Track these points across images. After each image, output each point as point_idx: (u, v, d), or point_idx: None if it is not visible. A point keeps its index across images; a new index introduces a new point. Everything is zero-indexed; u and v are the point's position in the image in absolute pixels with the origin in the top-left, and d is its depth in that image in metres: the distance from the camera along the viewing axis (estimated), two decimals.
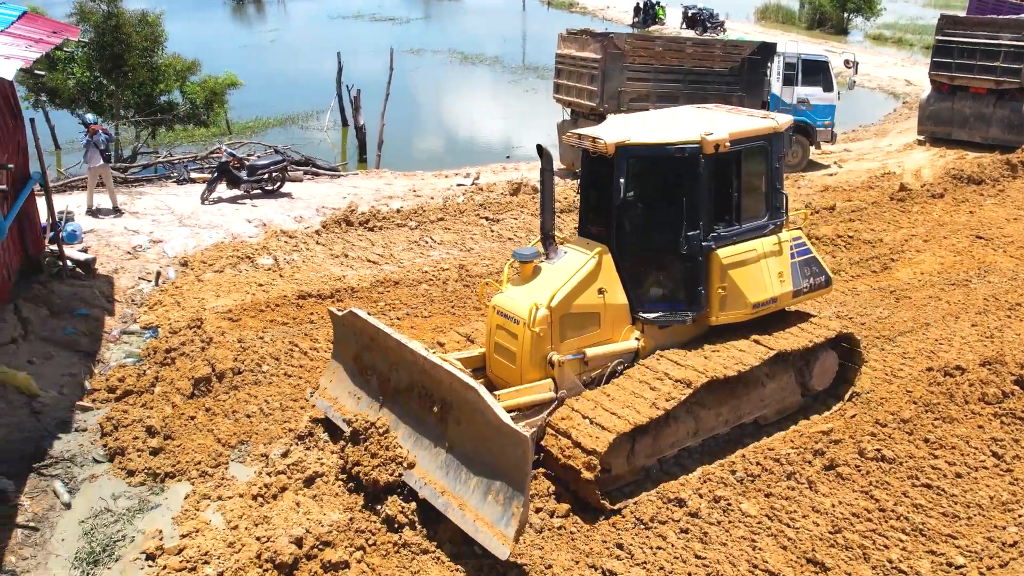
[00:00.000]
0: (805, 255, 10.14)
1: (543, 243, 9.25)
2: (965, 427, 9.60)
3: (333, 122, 30.85)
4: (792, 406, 10.08)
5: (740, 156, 9.27)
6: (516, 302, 8.82)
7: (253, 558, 7.54)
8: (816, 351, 9.95)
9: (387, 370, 8.96)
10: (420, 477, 8.12)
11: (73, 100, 23.97)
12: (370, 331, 9.08)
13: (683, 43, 21.98)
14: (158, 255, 15.87)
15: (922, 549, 7.80)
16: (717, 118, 9.74)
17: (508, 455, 7.27)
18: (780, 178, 9.85)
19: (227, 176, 19.08)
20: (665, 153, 8.96)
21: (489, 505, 7.40)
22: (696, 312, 9.36)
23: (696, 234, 9.08)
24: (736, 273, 9.36)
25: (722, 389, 9.13)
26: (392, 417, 8.78)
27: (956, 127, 25.47)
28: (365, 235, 16.89)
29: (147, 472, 9.22)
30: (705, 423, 9.18)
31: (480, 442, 7.65)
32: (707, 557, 7.66)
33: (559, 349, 8.78)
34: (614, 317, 9.17)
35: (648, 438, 8.62)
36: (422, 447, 8.34)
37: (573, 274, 8.86)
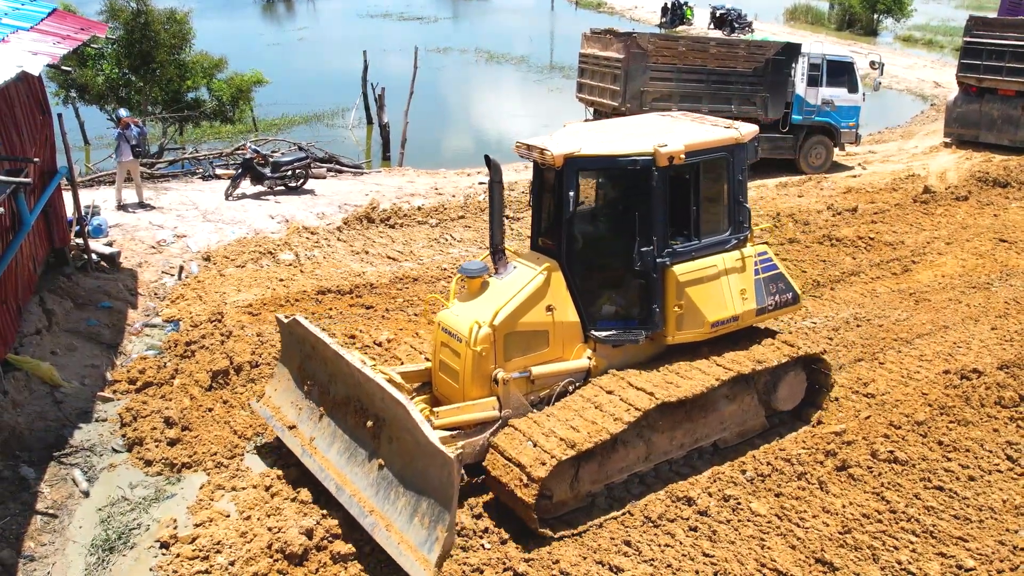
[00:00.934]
0: (771, 271, 9.67)
1: (492, 257, 8.89)
2: (980, 430, 9.55)
3: (358, 120, 31.05)
4: (755, 428, 9.62)
5: (698, 168, 8.84)
6: (459, 319, 8.48)
7: (264, 548, 7.66)
8: (781, 371, 9.57)
9: (327, 381, 8.73)
10: (351, 494, 7.82)
11: (102, 96, 24.32)
12: (311, 340, 8.82)
13: (707, 43, 21.91)
14: (182, 250, 16.07)
15: (932, 551, 7.77)
16: (676, 128, 9.30)
17: (434, 477, 7.07)
18: (743, 191, 9.34)
19: (251, 172, 19.27)
20: (616, 165, 8.60)
21: (415, 528, 7.18)
22: (651, 331, 8.94)
23: (650, 250, 8.64)
24: (694, 290, 8.95)
25: (677, 412, 8.72)
26: (329, 431, 8.54)
27: (983, 129, 25.22)
28: (386, 232, 17.02)
29: (164, 462, 9.38)
30: (658, 447, 8.74)
31: (409, 461, 7.42)
32: (715, 555, 7.68)
33: (504, 368, 8.40)
34: (564, 335, 8.75)
35: (594, 463, 8.22)
36: (355, 463, 8.07)
37: (519, 291, 8.46)
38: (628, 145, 8.57)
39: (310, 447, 8.62)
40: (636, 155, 8.45)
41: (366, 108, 30.24)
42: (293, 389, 9.29)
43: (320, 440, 8.60)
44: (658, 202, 8.55)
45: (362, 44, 33.26)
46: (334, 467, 8.23)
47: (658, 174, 8.45)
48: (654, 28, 52.00)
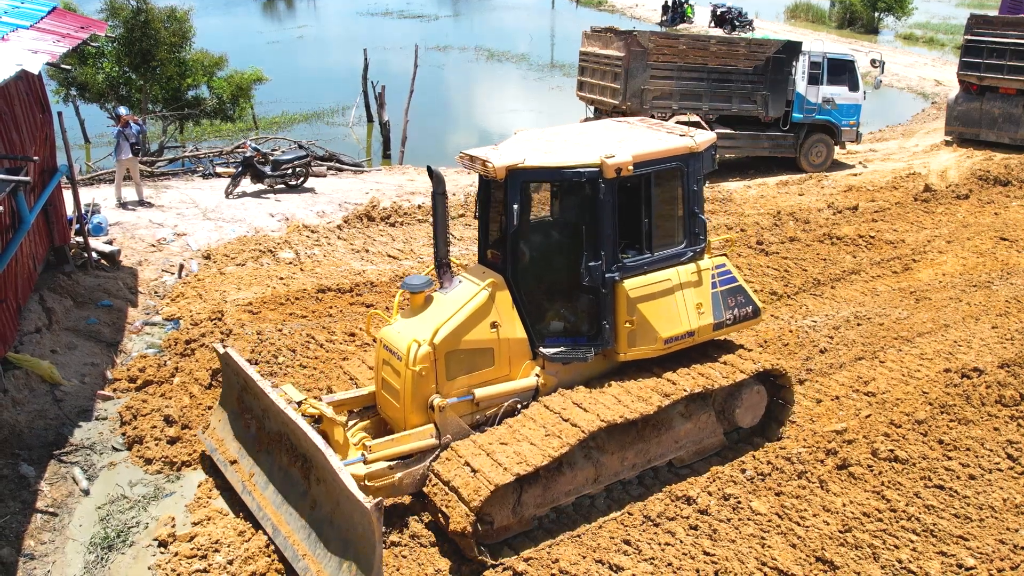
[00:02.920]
0: (729, 284, 9.30)
1: (436, 271, 8.62)
2: (981, 429, 9.55)
3: (358, 118, 31.02)
4: (713, 446, 9.30)
5: (650, 179, 8.50)
6: (400, 336, 8.13)
7: (263, 547, 7.65)
8: (739, 388, 9.27)
9: (261, 416, 8.48)
10: (286, 536, 7.57)
11: (102, 94, 24.28)
12: (243, 375, 8.58)
13: (707, 42, 21.89)
14: (182, 248, 16.06)
15: (932, 550, 7.77)
16: (628, 136, 8.93)
17: (357, 524, 6.84)
18: (699, 201, 8.99)
19: (251, 171, 19.27)
20: (561, 177, 8.25)
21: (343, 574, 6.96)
22: (601, 347, 8.61)
23: (598, 264, 8.30)
24: (646, 306, 8.61)
25: (628, 432, 8.47)
26: (267, 467, 8.30)
27: (984, 128, 25.18)
28: (386, 230, 17.01)
29: (164, 460, 9.38)
30: (608, 468, 8.44)
31: (336, 505, 7.20)
32: (716, 554, 7.67)
33: (444, 388, 8.08)
34: (510, 353, 8.40)
35: (538, 487, 7.93)
36: (290, 502, 7.81)
37: (461, 307, 8.13)
38: (574, 156, 8.18)
39: (250, 483, 8.33)
40: (582, 166, 8.07)
41: (366, 106, 30.20)
42: (234, 421, 9.00)
43: (258, 476, 8.32)
44: (606, 215, 8.20)
45: (362, 42, 33.28)
46: (271, 506, 7.95)
47: (605, 186, 8.09)
48: (655, 26, 51.98)
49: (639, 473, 8.81)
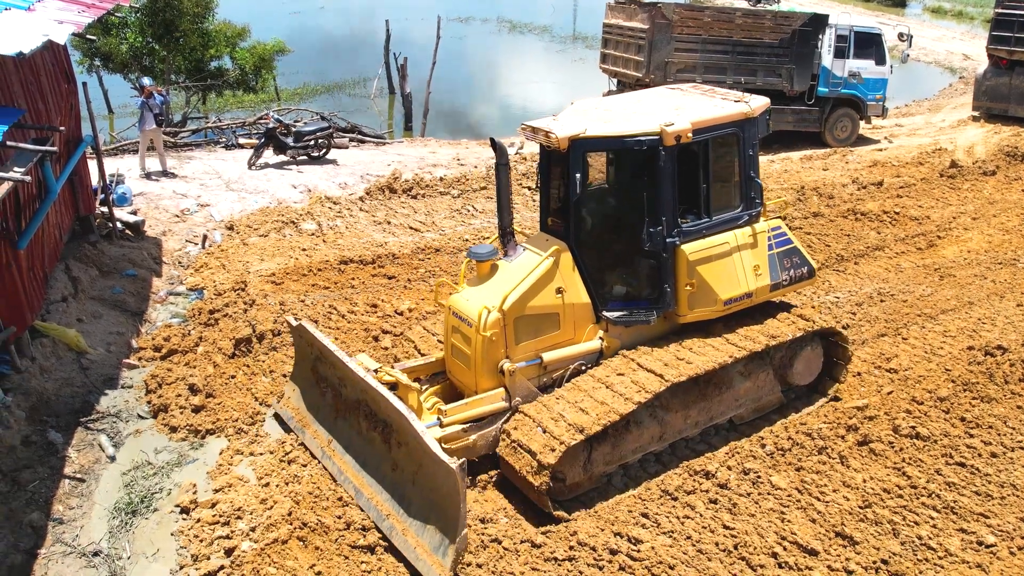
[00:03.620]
0: (785, 246, 9.53)
1: (501, 240, 8.82)
2: (1003, 407, 9.50)
3: (380, 89, 30.96)
4: (771, 404, 9.57)
5: (707, 145, 8.70)
6: (469, 304, 8.39)
7: (285, 515, 7.75)
8: (797, 346, 9.49)
9: (338, 384, 8.74)
10: (368, 498, 7.92)
11: (126, 65, 24.38)
12: (318, 345, 8.85)
13: (732, 14, 21.64)
14: (205, 219, 16.15)
15: (952, 527, 7.76)
16: (684, 104, 9.05)
17: (442, 484, 7.10)
18: (755, 166, 9.19)
19: (274, 142, 19.30)
20: (622, 146, 8.40)
21: (429, 533, 7.27)
22: (662, 310, 8.84)
23: (659, 230, 8.50)
24: (705, 269, 8.81)
25: (691, 390, 8.70)
26: (345, 433, 8.60)
27: (1013, 103, 24.80)
28: (408, 202, 17.02)
29: (189, 428, 9.49)
30: (671, 426, 8.72)
31: (419, 467, 7.50)
32: (735, 528, 7.70)
33: (513, 352, 8.33)
34: (575, 317, 8.65)
35: (607, 445, 8.21)
36: (370, 466, 8.13)
37: (528, 274, 8.33)
38: (634, 125, 8.36)
39: (328, 449, 8.67)
40: (642, 135, 8.24)
41: (388, 78, 30.14)
42: (309, 390, 9.29)
43: (337, 442, 8.65)
44: (666, 181, 8.40)
45: (384, 13, 33.13)
46: (351, 469, 8.30)
47: (665, 153, 8.28)
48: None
49: (701, 431, 9.08)
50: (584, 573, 7.20)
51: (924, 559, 7.40)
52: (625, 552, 7.37)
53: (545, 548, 7.45)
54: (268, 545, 7.48)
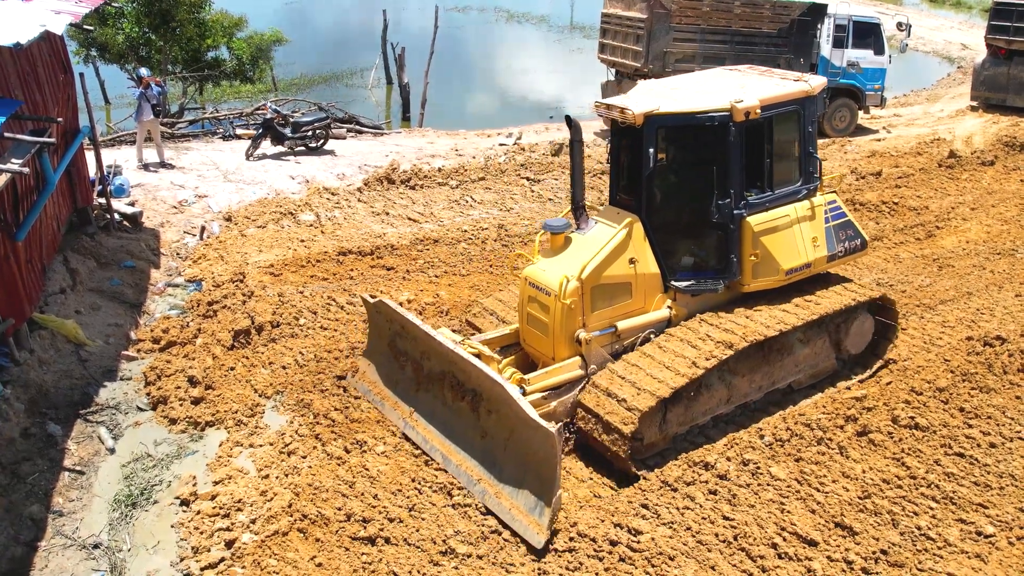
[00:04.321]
0: (840, 219, 9.97)
1: (573, 214, 9.17)
2: (1002, 397, 9.48)
3: (378, 80, 30.90)
4: (826, 370, 10.04)
5: (772, 122, 9.12)
6: (547, 274, 8.77)
7: (285, 507, 7.75)
8: (851, 314, 9.94)
9: (419, 358, 9.08)
10: (457, 464, 8.30)
11: (122, 55, 24.30)
12: (399, 320, 9.20)
13: (731, 3, 21.51)
14: (203, 210, 16.13)
15: (951, 517, 7.77)
16: (748, 83, 9.52)
17: (538, 448, 7.44)
18: (813, 142, 9.65)
19: (271, 133, 19.27)
20: (695, 122, 8.79)
21: (523, 495, 7.62)
22: (728, 280, 9.29)
23: (727, 202, 8.95)
24: (768, 240, 9.26)
25: (755, 355, 9.12)
26: (428, 403, 8.93)
27: (1012, 93, 24.75)
28: (406, 193, 17.00)
29: (188, 420, 9.50)
30: (738, 389, 9.19)
31: (511, 433, 7.85)
32: (735, 518, 7.69)
33: (589, 321, 8.74)
34: (646, 287, 9.08)
35: (680, 407, 8.64)
36: (457, 434, 8.48)
37: (604, 245, 8.75)
38: (705, 102, 8.79)
39: (411, 419, 8.97)
40: (713, 111, 8.68)
41: (386, 68, 30.07)
42: (387, 364, 9.58)
43: (419, 413, 8.95)
44: (735, 156, 8.83)
45: (381, 3, 33.01)
46: (437, 438, 8.61)
47: (735, 129, 8.70)
48: None
49: (763, 395, 9.53)
50: (584, 564, 7.21)
51: (923, 549, 7.40)
52: (625, 543, 7.37)
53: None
54: (269, 537, 7.48)
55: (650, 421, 8.42)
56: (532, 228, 14.98)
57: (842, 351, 10.16)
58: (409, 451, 8.70)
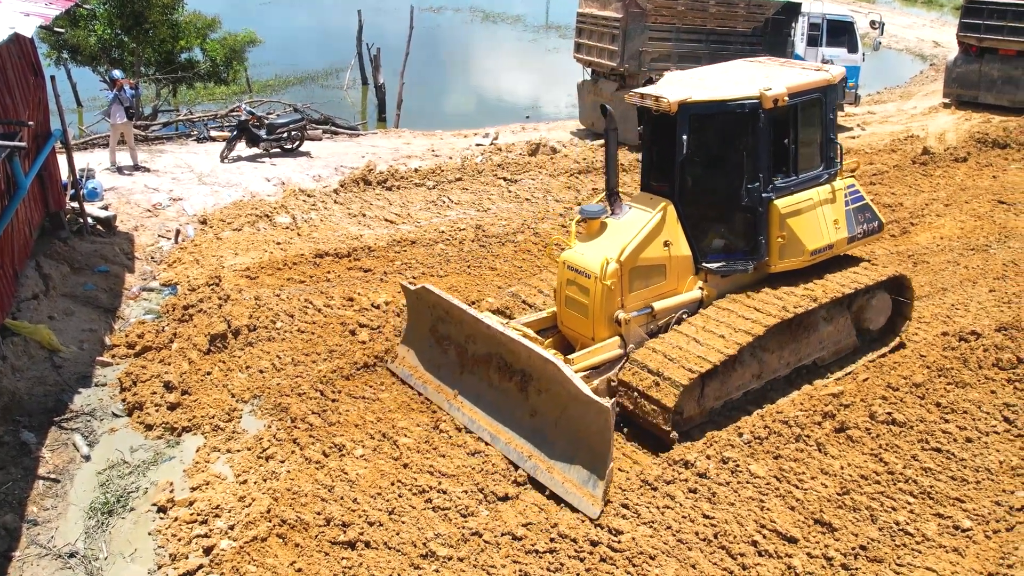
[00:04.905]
0: (859, 202, 10.48)
1: (608, 199, 9.55)
2: (978, 392, 9.56)
3: (353, 80, 30.78)
4: (848, 347, 10.45)
5: (797, 109, 9.54)
6: (586, 257, 9.13)
7: (264, 512, 7.69)
8: (871, 293, 10.39)
9: (463, 341, 9.38)
10: (506, 442, 8.57)
11: (95, 57, 24.06)
12: (444, 305, 9.50)
13: (706, 3, 21.60)
14: (178, 213, 15.99)
15: (929, 512, 7.82)
16: (772, 73, 9.93)
17: (591, 423, 7.76)
18: (834, 128, 10.14)
19: (246, 135, 19.13)
20: (726, 109, 9.18)
21: (575, 469, 7.92)
22: (757, 260, 9.73)
23: (756, 186, 9.40)
24: (794, 222, 9.70)
25: (784, 333, 9.55)
26: (473, 385, 9.22)
27: (983, 90, 25.05)
28: (383, 194, 16.93)
29: (164, 426, 9.41)
30: (768, 365, 9.62)
31: (562, 410, 8.14)
32: (715, 517, 7.71)
33: (627, 301, 9.15)
34: (679, 268, 9.50)
35: (716, 381, 9.07)
36: (505, 414, 8.76)
37: (640, 228, 9.14)
38: (735, 90, 9.23)
39: (456, 401, 9.30)
40: (744, 99, 9.12)
41: (361, 69, 29.97)
42: (428, 349, 9.89)
43: (464, 394, 9.27)
44: (764, 141, 9.28)
45: (356, 3, 32.89)
46: (484, 418, 8.93)
47: (764, 116, 9.14)
48: None
49: (791, 371, 9.95)
50: (565, 565, 7.19)
51: (902, 544, 7.45)
52: (606, 543, 7.36)
53: (526, 540, 7.43)
54: (247, 543, 7.42)
55: (690, 395, 8.81)
56: (510, 228, 14.96)
57: (862, 328, 10.56)
58: (388, 454, 8.67)
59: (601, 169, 18.62)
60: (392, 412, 9.40)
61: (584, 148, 21.00)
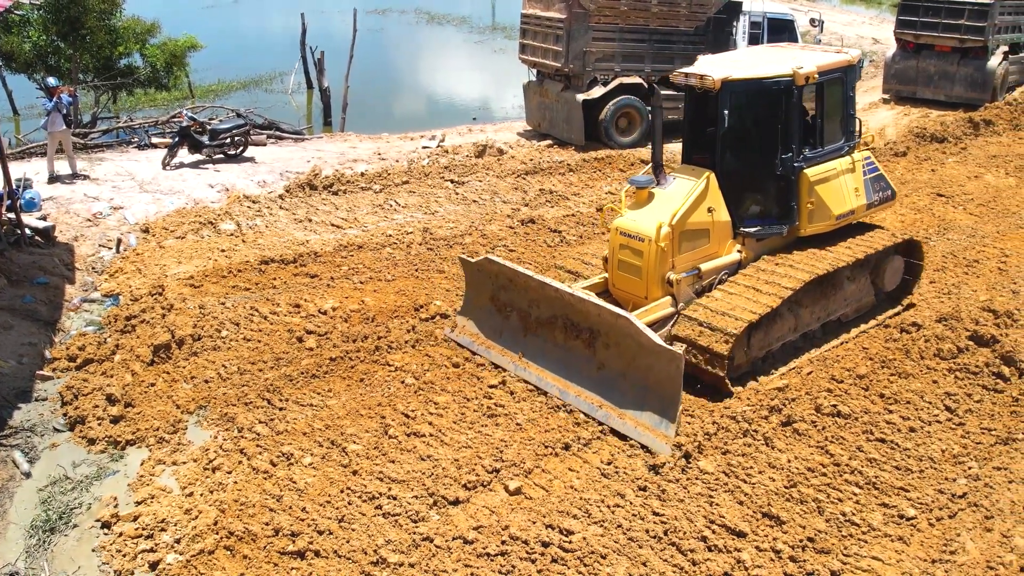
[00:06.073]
0: (874, 172, 11.46)
1: (654, 171, 10.31)
2: (920, 382, 9.74)
3: (298, 84, 30.50)
4: (868, 305, 11.45)
5: (823, 87, 10.45)
6: (638, 223, 9.92)
7: (210, 525, 7.57)
8: (888, 255, 11.33)
9: (526, 306, 10.13)
10: (576, 395, 9.37)
11: (30, 64, 23.53)
12: (507, 273, 10.24)
13: (648, 3, 21.69)
14: (119, 222, 15.71)
15: (875, 502, 7.93)
16: (799, 55, 11.01)
17: (662, 371, 8.63)
18: (853, 105, 11.11)
19: (189, 141, 18.83)
20: (763, 87, 10.06)
21: (646, 415, 8.77)
22: (789, 224, 10.62)
23: (789, 156, 10.25)
24: (821, 189, 10.59)
25: (815, 289, 10.41)
26: (537, 346, 10.00)
27: (921, 86, 25.55)
28: (329, 199, 16.78)
29: (108, 440, 9.22)
30: (803, 319, 10.50)
31: (631, 361, 8.99)
32: (665, 514, 7.74)
33: (677, 263, 9.97)
34: (720, 233, 10.30)
35: (760, 332, 9.95)
36: (573, 369, 9.55)
37: (687, 196, 9.91)
38: (772, 68, 10.16)
39: (522, 362, 10.02)
40: (779, 76, 10.02)
41: (306, 72, 29.71)
42: (488, 317, 10.63)
43: (529, 355, 10.00)
44: (795, 115, 10.16)
45: (300, 5, 32.57)
46: (551, 375, 9.69)
47: (796, 91, 10.03)
48: None
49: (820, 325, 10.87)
50: (517, 567, 7.17)
51: (848, 535, 7.54)
52: (557, 544, 7.36)
53: (477, 544, 7.40)
54: (194, 556, 7.30)
55: (739, 344, 9.59)
56: (458, 230, 14.92)
57: (879, 287, 11.50)
58: (337, 461, 8.57)
59: (547, 170, 18.69)
60: (341, 419, 9.30)
61: (531, 149, 21.03)
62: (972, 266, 13.27)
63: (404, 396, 9.70)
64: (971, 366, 9.87)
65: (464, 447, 8.76)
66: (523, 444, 8.78)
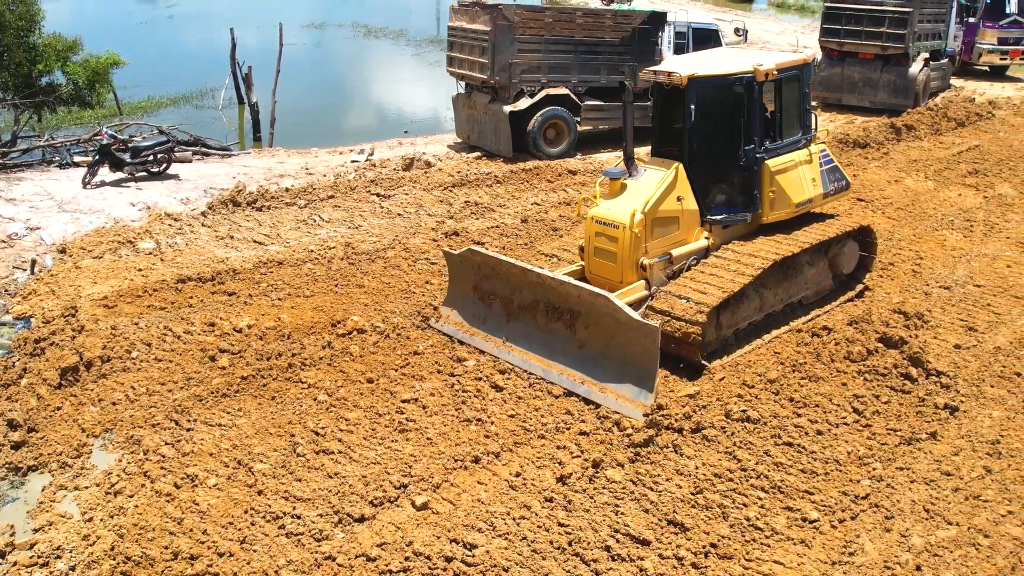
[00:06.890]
0: (829, 164, 12.28)
1: (626, 164, 10.98)
2: (829, 385, 9.87)
3: (229, 100, 30.12)
4: (826, 288, 12.21)
5: (781, 83, 11.29)
6: (613, 211, 10.65)
7: (107, 550, 7.40)
8: (843, 240, 12.11)
9: (509, 293, 10.69)
10: (559, 373, 9.96)
11: None
12: (490, 263, 10.81)
13: (573, 14, 21.84)
14: (35, 243, 15.36)
15: (779, 506, 8.00)
16: (756, 55, 11.97)
17: (639, 344, 9.28)
18: (808, 101, 12.04)
19: (109, 159, 18.49)
20: (727, 82, 10.82)
21: (626, 387, 9.41)
22: (752, 212, 11.41)
23: (751, 148, 11.03)
24: (782, 178, 11.39)
25: (778, 273, 11.10)
26: (520, 330, 10.54)
27: (846, 92, 26.09)
28: (252, 215, 16.58)
29: (8, 466, 8.96)
30: (767, 301, 11.20)
31: (610, 338, 9.60)
32: (570, 524, 7.73)
33: (649, 248, 10.64)
34: (689, 220, 11.01)
35: (728, 312, 10.61)
36: (555, 349, 10.13)
37: (658, 185, 10.62)
38: (734, 66, 10.97)
39: (506, 346, 10.60)
40: (741, 73, 10.80)
41: (236, 88, 29.35)
42: (471, 306, 11.19)
43: (513, 339, 10.56)
44: (757, 110, 10.96)
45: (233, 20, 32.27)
46: (534, 357, 10.26)
47: (757, 87, 10.82)
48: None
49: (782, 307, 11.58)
50: None
51: (752, 539, 7.60)
52: (460, 558, 7.30)
53: (380, 561, 7.32)
54: None
55: (711, 320, 10.17)
56: (381, 244, 14.83)
57: (836, 272, 12.26)
58: (243, 481, 8.44)
59: (474, 182, 18.68)
60: (249, 438, 9.16)
61: (459, 161, 21.00)
62: (887, 269, 13.52)
63: (315, 413, 9.59)
64: (879, 368, 10.03)
65: (373, 463, 8.68)
66: (432, 458, 8.73)
